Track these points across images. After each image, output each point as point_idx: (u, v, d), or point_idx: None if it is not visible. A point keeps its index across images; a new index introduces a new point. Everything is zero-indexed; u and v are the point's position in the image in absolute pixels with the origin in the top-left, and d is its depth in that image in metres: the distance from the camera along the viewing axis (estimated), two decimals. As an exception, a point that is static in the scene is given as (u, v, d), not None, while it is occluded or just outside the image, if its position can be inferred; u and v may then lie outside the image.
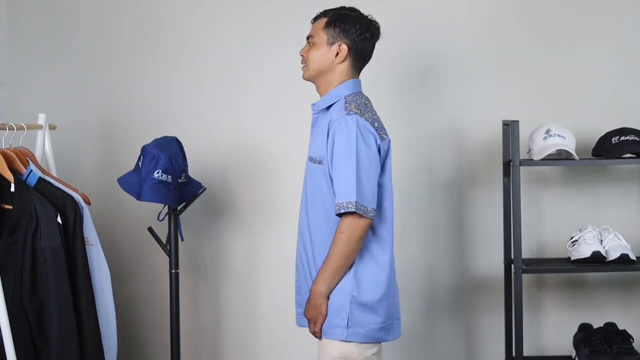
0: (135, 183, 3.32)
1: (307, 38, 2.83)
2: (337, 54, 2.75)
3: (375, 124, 2.70)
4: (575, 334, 3.57)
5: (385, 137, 2.72)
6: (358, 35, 2.76)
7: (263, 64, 3.73)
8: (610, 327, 3.51)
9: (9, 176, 2.90)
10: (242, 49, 3.74)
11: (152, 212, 3.56)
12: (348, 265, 2.66)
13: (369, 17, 2.81)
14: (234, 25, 3.74)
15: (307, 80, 2.84)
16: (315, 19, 2.84)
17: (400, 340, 3.66)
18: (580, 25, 3.66)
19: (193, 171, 3.54)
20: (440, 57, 3.68)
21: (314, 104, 2.84)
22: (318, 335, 2.73)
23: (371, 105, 2.77)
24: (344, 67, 2.77)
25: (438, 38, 3.68)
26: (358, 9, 2.83)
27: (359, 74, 2.82)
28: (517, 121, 3.34)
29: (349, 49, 2.75)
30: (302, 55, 2.82)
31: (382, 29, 2.88)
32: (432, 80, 3.69)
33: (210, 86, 3.75)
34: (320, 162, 2.71)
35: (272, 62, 3.73)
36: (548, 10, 3.67)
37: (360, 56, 2.78)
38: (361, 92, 2.80)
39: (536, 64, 3.66)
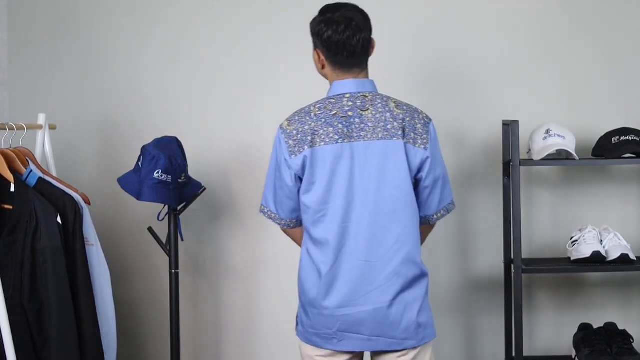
0: (135, 183, 3.32)
1: None
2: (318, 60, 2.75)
3: (298, 135, 2.65)
4: (575, 334, 3.57)
5: (302, 151, 2.64)
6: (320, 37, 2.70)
7: (264, 64, 3.73)
8: (610, 327, 3.51)
9: (9, 176, 2.90)
10: (242, 49, 3.74)
11: (152, 212, 3.56)
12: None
13: (326, 14, 2.70)
14: (234, 25, 3.74)
15: None
16: None
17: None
18: (580, 25, 3.66)
19: (193, 171, 3.54)
20: (440, 58, 3.68)
21: None
22: None
23: (319, 112, 2.67)
24: (327, 72, 2.74)
25: (438, 39, 3.68)
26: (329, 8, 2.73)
27: (346, 71, 2.71)
28: (517, 121, 3.35)
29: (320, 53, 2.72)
30: None
31: (382, 31, 2.88)
32: (432, 80, 3.69)
33: (210, 86, 3.75)
34: None
35: (272, 62, 3.73)
36: (548, 11, 3.67)
37: (337, 56, 2.70)
38: (336, 95, 2.70)
39: (536, 64, 3.66)
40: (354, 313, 2.64)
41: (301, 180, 2.66)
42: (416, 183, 2.67)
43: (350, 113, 2.65)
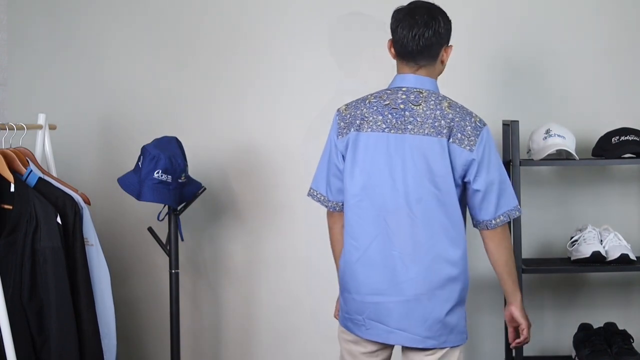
0: (135, 183, 3.32)
1: None
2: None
3: (349, 118, 2.73)
4: (575, 334, 3.57)
5: (348, 133, 2.72)
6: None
7: (264, 64, 3.73)
8: (610, 327, 3.51)
9: (9, 176, 2.90)
10: (242, 48, 3.74)
11: (152, 212, 3.56)
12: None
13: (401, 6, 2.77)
14: (234, 25, 3.74)
15: None
16: None
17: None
18: (580, 25, 3.66)
19: (193, 171, 3.54)
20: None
21: None
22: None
23: (374, 100, 2.72)
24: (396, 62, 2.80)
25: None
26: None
27: (406, 65, 2.73)
28: (517, 121, 3.35)
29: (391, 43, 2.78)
30: None
31: (381, 29, 2.88)
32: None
33: (211, 86, 3.75)
34: None
35: (272, 62, 3.73)
36: (548, 10, 3.67)
37: (397, 48, 2.75)
38: (394, 87, 2.74)
39: (536, 64, 3.66)
40: (383, 302, 2.68)
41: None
42: (465, 186, 2.69)
43: (402, 106, 2.68)
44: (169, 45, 3.76)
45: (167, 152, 3.30)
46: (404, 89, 2.71)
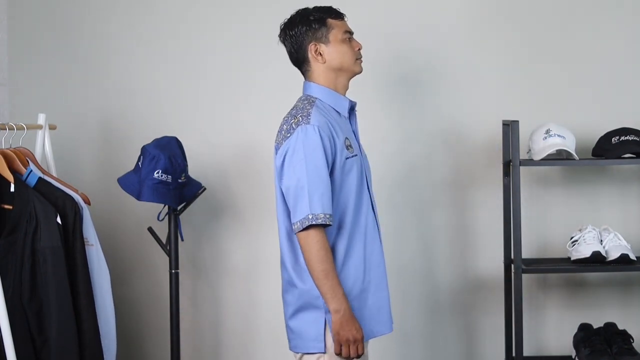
0: (135, 183, 3.32)
1: (352, 33, 2.80)
2: None
3: None
4: (575, 334, 3.57)
5: None
6: None
7: (263, 63, 3.73)
8: (610, 327, 3.51)
9: (9, 176, 2.90)
10: (242, 48, 3.74)
11: (152, 212, 3.56)
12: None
13: None
14: (234, 25, 3.75)
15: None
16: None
17: (400, 340, 3.68)
18: (580, 25, 3.66)
19: (193, 171, 3.54)
20: (440, 57, 3.68)
21: (355, 102, 2.82)
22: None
23: None
24: None
25: (438, 37, 3.68)
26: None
27: None
28: (517, 121, 3.34)
29: None
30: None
31: (382, 29, 2.89)
32: (432, 80, 3.69)
33: (211, 86, 3.75)
34: None
35: (272, 61, 3.72)
36: (548, 10, 3.67)
37: None
38: None
39: (536, 63, 3.66)
40: None
41: None
42: None
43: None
44: (169, 45, 3.76)
45: (167, 152, 3.30)
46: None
